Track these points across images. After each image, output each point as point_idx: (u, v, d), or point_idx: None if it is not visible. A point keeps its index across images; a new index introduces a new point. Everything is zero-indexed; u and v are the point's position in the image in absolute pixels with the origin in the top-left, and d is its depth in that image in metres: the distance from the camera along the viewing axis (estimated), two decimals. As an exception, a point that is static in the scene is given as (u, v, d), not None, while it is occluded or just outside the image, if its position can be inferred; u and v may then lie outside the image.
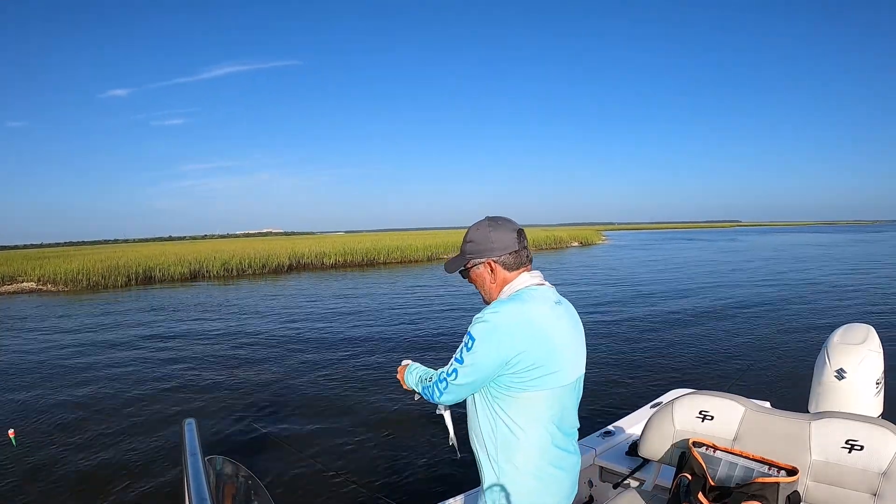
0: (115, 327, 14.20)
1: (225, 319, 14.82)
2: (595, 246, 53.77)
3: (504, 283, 1.92)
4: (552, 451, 1.83)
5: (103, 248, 66.80)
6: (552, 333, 1.78)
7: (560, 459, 1.85)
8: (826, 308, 13.60)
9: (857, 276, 21.40)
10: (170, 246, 57.42)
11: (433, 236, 51.47)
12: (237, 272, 30.53)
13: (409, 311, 15.02)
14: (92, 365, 10.16)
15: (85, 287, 25.64)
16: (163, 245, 67.49)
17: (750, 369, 8.28)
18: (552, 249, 47.12)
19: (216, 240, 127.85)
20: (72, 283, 25.93)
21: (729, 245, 50.09)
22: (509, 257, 1.91)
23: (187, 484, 1.37)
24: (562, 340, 1.81)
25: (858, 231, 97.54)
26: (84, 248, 66.55)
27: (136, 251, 41.86)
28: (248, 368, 9.44)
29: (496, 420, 1.81)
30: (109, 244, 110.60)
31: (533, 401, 1.77)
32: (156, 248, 51.37)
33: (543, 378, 1.74)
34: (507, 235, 1.92)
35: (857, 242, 50.24)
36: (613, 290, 18.43)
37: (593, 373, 8.18)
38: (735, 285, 18.70)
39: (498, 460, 1.83)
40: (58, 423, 7.02)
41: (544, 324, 1.78)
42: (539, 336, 1.75)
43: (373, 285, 23.19)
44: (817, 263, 27.31)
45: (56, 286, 25.80)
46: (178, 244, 71.30)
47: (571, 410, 1.90)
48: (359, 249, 36.59)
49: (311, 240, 59.42)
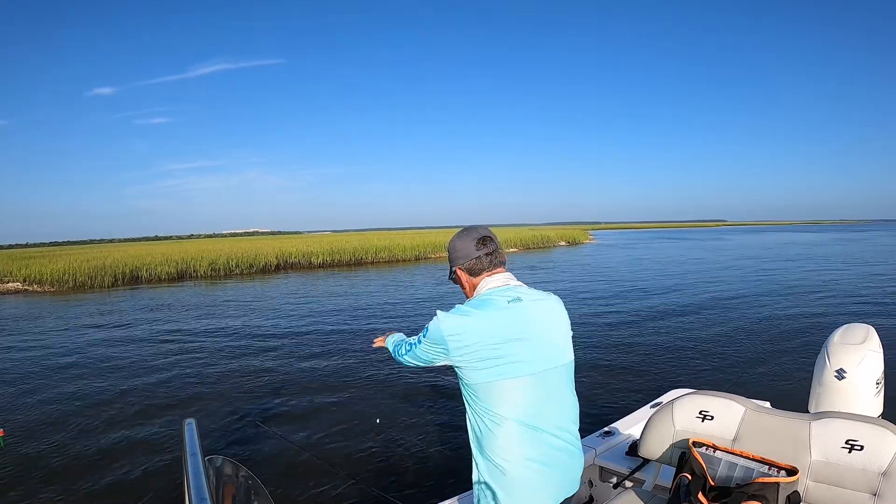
0: (104, 328, 14.07)
1: (215, 319, 14.73)
2: (583, 245, 53.95)
3: (473, 287, 2.12)
4: (532, 446, 1.92)
5: (89, 248, 66.22)
6: (506, 330, 1.92)
7: (543, 455, 1.93)
8: (825, 307, 13.66)
9: (852, 274, 21.60)
10: (156, 246, 57.04)
11: (421, 236, 51.41)
12: (224, 272, 30.37)
13: (402, 310, 15.05)
14: (83, 364, 10.07)
15: (71, 287, 25.38)
16: (149, 245, 67.05)
17: (750, 369, 8.30)
18: (540, 249, 47.20)
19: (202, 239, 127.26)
20: (58, 283, 25.66)
21: (716, 244, 50.43)
22: (470, 263, 2.11)
23: (187, 484, 1.36)
24: (519, 334, 1.94)
25: (844, 230, 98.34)
26: (69, 248, 65.95)
27: (122, 251, 41.52)
28: (243, 368, 9.39)
29: (475, 415, 1.97)
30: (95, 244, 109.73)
31: (499, 391, 1.90)
32: (142, 248, 51.01)
33: (500, 368, 1.89)
34: (468, 244, 2.13)
35: (845, 241, 50.63)
36: (608, 288, 18.52)
37: (594, 373, 8.23)
38: (731, 284, 18.79)
39: (482, 454, 1.96)
40: (48, 423, 6.94)
41: (497, 322, 1.94)
42: (487, 332, 1.91)
43: (362, 284, 23.15)
44: (811, 262, 27.58)
45: (42, 287, 25.55)
46: (164, 244, 70.86)
47: (551, 403, 1.99)
48: (346, 249, 36.52)
49: (299, 239, 59.27)
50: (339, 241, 45.37)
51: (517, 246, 46.38)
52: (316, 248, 36.02)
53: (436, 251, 39.26)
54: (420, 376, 8.03)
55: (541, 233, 56.77)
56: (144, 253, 36.23)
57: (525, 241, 48.47)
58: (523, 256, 38.00)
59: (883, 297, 15.07)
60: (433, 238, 45.23)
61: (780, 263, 27.35)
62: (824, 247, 42.08)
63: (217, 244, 50.10)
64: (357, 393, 7.67)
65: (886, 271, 22.66)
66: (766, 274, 22.19)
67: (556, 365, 2.01)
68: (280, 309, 16.16)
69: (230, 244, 48.22)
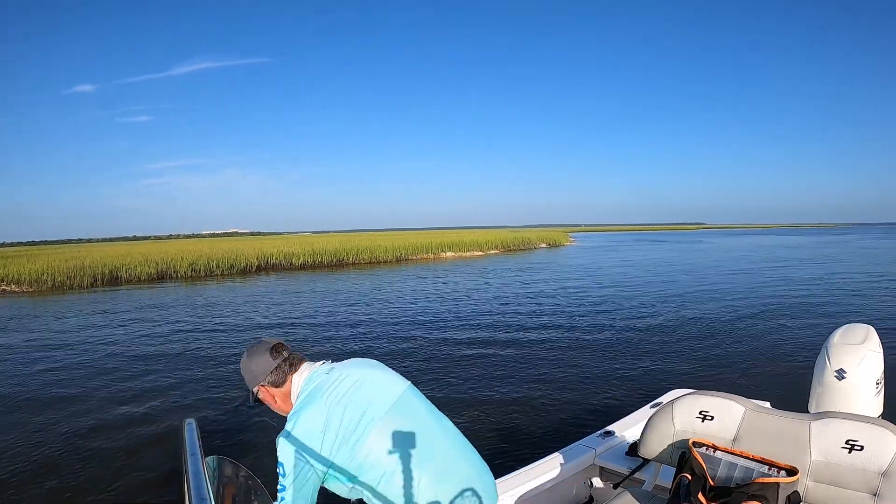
0: (86, 328, 13.84)
1: (202, 319, 14.59)
2: (563, 247, 54.25)
3: (286, 397, 2.01)
4: (433, 480, 1.82)
5: (66, 247, 65.49)
6: (342, 396, 1.87)
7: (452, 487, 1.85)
8: (824, 307, 13.78)
9: (845, 275, 21.90)
10: (135, 246, 56.56)
11: (401, 237, 51.55)
12: (205, 273, 30.15)
13: (392, 309, 15.01)
14: (72, 365, 9.91)
15: (50, 288, 25.02)
16: (127, 245, 66.51)
17: (750, 369, 8.34)
18: (521, 251, 47.37)
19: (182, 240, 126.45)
20: (36, 283, 25.28)
21: (699, 247, 50.89)
22: (273, 376, 2.00)
23: (187, 484, 1.36)
24: (353, 388, 1.90)
25: (824, 233, 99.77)
26: (47, 248, 65.23)
27: (100, 251, 41.09)
28: (238, 367, 9.25)
29: (378, 497, 1.82)
30: (73, 244, 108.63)
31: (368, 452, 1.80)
32: (121, 247, 50.57)
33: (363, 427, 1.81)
34: (263, 358, 2.02)
35: (827, 244, 51.38)
36: (599, 289, 18.58)
37: (593, 373, 8.26)
38: (730, 284, 18.92)
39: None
40: (36, 426, 6.79)
41: (333, 396, 1.87)
42: (341, 407, 1.84)
43: (347, 285, 23.06)
44: (798, 264, 27.94)
45: (20, 287, 25.15)
46: (142, 244, 70.38)
47: (427, 436, 1.90)
48: (328, 250, 36.40)
49: (279, 240, 59.17)
50: (320, 242, 45.29)
51: (498, 248, 46.56)
52: (297, 249, 35.88)
53: (416, 252, 39.47)
54: (420, 376, 7.98)
55: (521, 235, 57.00)
56: (124, 253, 35.92)
57: (506, 242, 48.61)
58: (505, 258, 38.14)
59: (882, 297, 15.29)
60: (413, 239, 45.38)
61: (770, 264, 27.80)
62: (811, 248, 42.79)
63: (196, 245, 49.80)
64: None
65: (881, 272, 23.12)
66: (763, 274, 22.45)
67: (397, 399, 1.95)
68: (267, 309, 16.09)
69: (210, 244, 48.00)
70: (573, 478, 3.21)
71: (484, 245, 45.53)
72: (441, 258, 39.69)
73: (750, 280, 20.44)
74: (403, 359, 9.41)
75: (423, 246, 41.02)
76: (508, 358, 9.33)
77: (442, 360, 9.31)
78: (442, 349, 10.07)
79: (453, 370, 8.63)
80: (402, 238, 48.68)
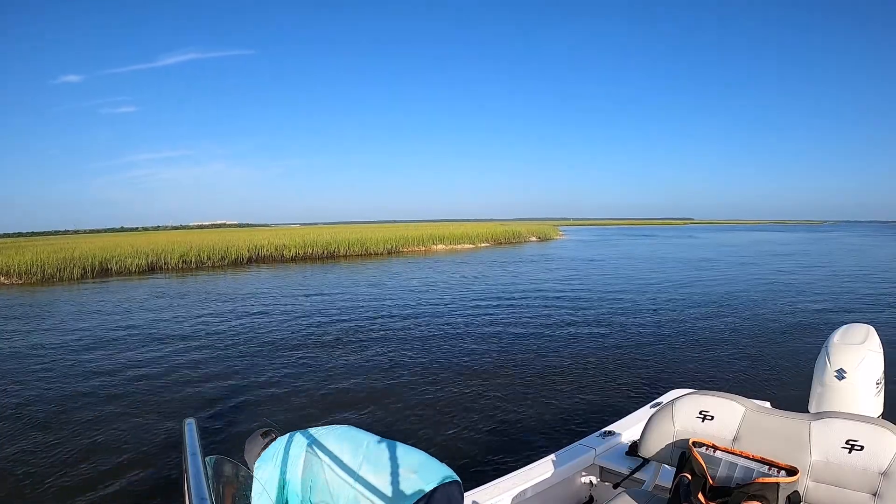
0: (86, 320, 13.75)
1: (198, 312, 14.51)
2: (553, 241, 54.34)
3: None
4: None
5: (55, 239, 65.05)
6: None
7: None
8: (823, 307, 13.79)
9: (839, 274, 22.03)
10: (123, 237, 56.07)
11: (392, 229, 51.54)
12: (196, 264, 30.06)
13: (388, 302, 14.97)
14: (70, 359, 9.81)
15: (39, 280, 24.82)
16: (116, 236, 65.86)
17: (750, 369, 8.34)
18: (511, 244, 47.46)
19: (170, 231, 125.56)
20: (26, 275, 25.05)
21: (692, 241, 51.27)
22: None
23: (187, 484, 1.33)
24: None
25: (811, 230, 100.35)
26: (35, 239, 64.82)
27: (89, 242, 40.75)
28: (238, 366, 9.15)
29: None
30: (61, 235, 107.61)
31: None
32: (109, 239, 50.18)
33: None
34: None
35: (816, 241, 51.83)
36: (595, 285, 18.59)
37: (594, 373, 8.24)
38: (728, 284, 18.86)
39: None
40: (35, 423, 6.73)
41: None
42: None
43: (338, 277, 23.07)
44: (794, 261, 28.11)
45: (9, 278, 24.93)
46: (131, 235, 69.81)
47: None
48: (319, 242, 36.32)
49: (269, 232, 58.87)
50: (311, 234, 45.16)
51: (489, 241, 46.59)
52: (288, 241, 35.78)
53: (408, 245, 39.66)
54: (419, 376, 8.04)
55: (511, 228, 57.03)
56: (112, 244, 35.65)
57: (496, 236, 48.68)
58: (495, 251, 38.18)
59: (882, 297, 15.35)
60: (403, 232, 45.44)
61: (766, 259, 28.12)
62: (801, 245, 43.14)
63: (186, 236, 49.51)
64: (356, 390, 7.58)
65: (875, 270, 23.33)
66: (761, 273, 22.47)
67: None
68: (261, 303, 16.00)
69: (199, 236, 47.77)
70: (573, 478, 3.22)
71: (475, 238, 45.59)
72: (432, 251, 39.70)
73: (751, 279, 20.23)
74: (403, 359, 9.32)
75: (414, 238, 41.17)
76: (508, 356, 9.27)
77: (442, 360, 9.20)
78: (442, 348, 9.98)
79: (453, 369, 8.55)
80: (393, 230, 48.66)
